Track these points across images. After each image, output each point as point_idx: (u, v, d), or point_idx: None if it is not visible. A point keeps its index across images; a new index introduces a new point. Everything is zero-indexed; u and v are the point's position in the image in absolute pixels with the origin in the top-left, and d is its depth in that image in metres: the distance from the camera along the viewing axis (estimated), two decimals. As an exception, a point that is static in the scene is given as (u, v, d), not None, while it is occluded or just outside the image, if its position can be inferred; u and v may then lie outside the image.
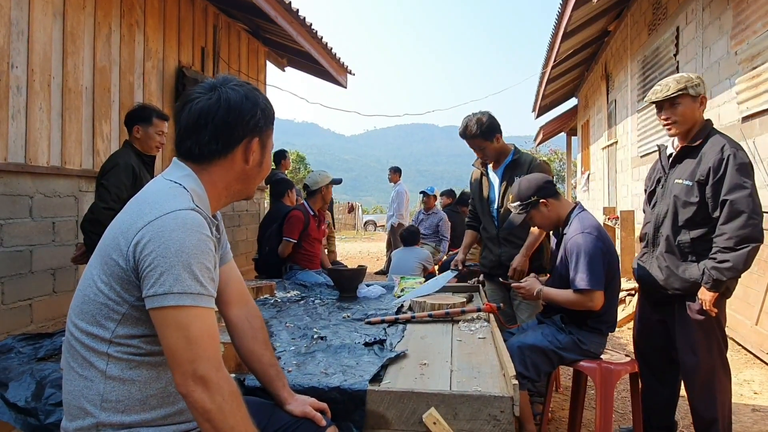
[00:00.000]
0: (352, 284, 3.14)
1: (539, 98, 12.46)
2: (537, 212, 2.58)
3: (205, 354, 1.10)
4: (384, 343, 2.00)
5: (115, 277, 1.15)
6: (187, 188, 1.22)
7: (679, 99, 2.36)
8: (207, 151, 1.26)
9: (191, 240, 1.12)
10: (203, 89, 1.27)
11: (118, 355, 1.16)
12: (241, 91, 1.27)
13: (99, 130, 4.45)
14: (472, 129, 3.01)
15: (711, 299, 2.29)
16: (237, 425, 1.11)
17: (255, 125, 1.28)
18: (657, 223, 2.50)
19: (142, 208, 1.17)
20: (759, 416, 3.02)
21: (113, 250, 1.16)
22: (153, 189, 1.24)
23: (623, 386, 3.35)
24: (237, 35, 7.29)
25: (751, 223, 2.19)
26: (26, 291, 3.75)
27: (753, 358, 3.93)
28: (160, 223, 1.12)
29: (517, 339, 2.50)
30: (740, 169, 2.24)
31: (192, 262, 1.11)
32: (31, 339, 2.00)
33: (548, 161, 23.89)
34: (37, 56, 3.76)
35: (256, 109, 1.28)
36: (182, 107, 1.27)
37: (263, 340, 1.48)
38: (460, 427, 1.46)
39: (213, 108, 1.24)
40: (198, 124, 1.24)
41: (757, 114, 4.43)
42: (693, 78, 2.37)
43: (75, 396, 1.17)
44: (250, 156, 1.29)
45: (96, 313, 1.16)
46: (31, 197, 3.77)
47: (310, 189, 4.29)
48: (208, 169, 1.27)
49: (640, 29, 7.73)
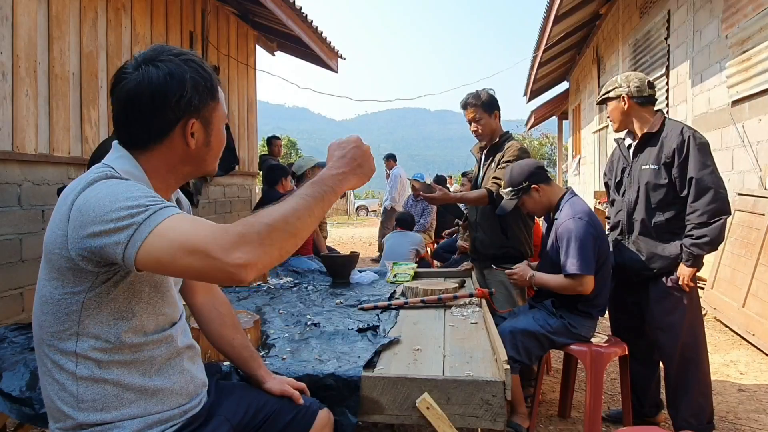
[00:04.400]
0: (345, 270, 3.15)
1: (531, 82, 12.42)
2: (529, 198, 2.60)
3: (211, 234, 0.96)
4: (377, 330, 2.02)
5: (64, 270, 1.08)
6: (117, 169, 1.12)
7: (606, 102, 2.66)
8: (138, 139, 1.15)
9: (121, 186, 1.03)
10: (130, 68, 1.14)
11: (86, 353, 1.11)
12: (164, 68, 1.12)
13: (87, 116, 4.39)
14: (476, 96, 3.06)
15: (689, 274, 2.42)
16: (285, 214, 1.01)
17: (187, 105, 1.13)
18: (629, 209, 2.61)
19: (66, 198, 1.09)
20: (745, 396, 3.09)
21: (53, 245, 1.08)
22: (79, 177, 1.15)
23: (612, 368, 3.41)
24: (226, 19, 7.19)
25: (719, 197, 2.34)
26: (17, 280, 3.72)
27: (740, 339, 4.01)
28: (84, 194, 1.04)
29: (509, 323, 2.53)
30: (701, 149, 2.39)
31: (131, 195, 1.01)
32: (23, 328, 2.00)
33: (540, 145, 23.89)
34: (22, 41, 3.69)
35: (183, 88, 1.12)
36: (112, 90, 1.15)
37: (232, 324, 1.49)
38: (452, 412, 1.49)
39: (136, 92, 1.11)
40: (126, 111, 1.13)
41: (747, 98, 4.46)
42: (616, 81, 2.61)
43: (52, 400, 1.15)
44: (189, 139, 1.16)
45: (56, 310, 1.11)
46: (19, 185, 3.72)
47: (297, 174, 4.34)
48: (147, 155, 1.16)
49: (631, 12, 7.71)
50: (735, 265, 4.25)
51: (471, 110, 3.06)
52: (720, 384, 3.24)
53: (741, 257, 4.17)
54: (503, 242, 3.03)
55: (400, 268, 3.23)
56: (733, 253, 4.32)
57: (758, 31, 4.23)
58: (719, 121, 4.99)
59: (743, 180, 4.58)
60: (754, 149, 4.38)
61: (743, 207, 4.31)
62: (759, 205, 4.09)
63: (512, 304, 2.95)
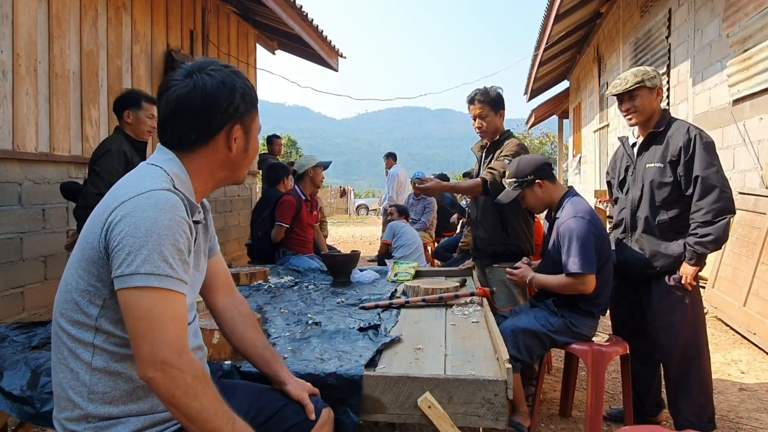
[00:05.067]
0: (346, 269, 3.14)
1: (531, 81, 12.42)
2: (531, 192, 2.59)
3: (166, 338, 1.07)
4: (378, 329, 2.01)
5: (93, 262, 1.13)
6: (168, 171, 1.20)
7: (637, 91, 2.50)
8: (186, 140, 1.23)
9: (163, 219, 1.09)
10: (180, 76, 1.23)
11: (103, 345, 1.15)
12: (217, 76, 1.23)
13: (87, 115, 4.39)
14: (484, 92, 3.04)
15: (693, 273, 2.41)
16: (204, 408, 1.09)
17: (234, 111, 1.24)
18: (633, 207, 2.59)
19: (119, 191, 1.16)
20: (746, 395, 3.08)
21: (90, 234, 1.14)
22: (134, 173, 1.23)
23: (614, 368, 3.41)
24: (226, 18, 7.18)
25: (724, 196, 2.33)
26: (17, 279, 3.72)
27: (741, 338, 4.00)
28: (133, 203, 1.10)
29: (510, 322, 2.52)
30: (707, 148, 2.39)
31: (163, 242, 1.08)
32: (24, 327, 2.00)
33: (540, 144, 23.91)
34: (22, 40, 3.69)
35: (233, 94, 1.23)
36: (160, 96, 1.24)
37: (253, 325, 1.49)
38: (454, 411, 1.48)
39: (189, 97, 1.20)
40: (175, 114, 1.21)
41: (748, 97, 4.45)
42: (650, 71, 2.51)
43: (63, 388, 1.17)
44: (232, 143, 1.26)
45: (79, 300, 1.15)
46: (19, 184, 3.72)
47: (298, 172, 4.32)
48: (190, 157, 1.25)
49: (632, 11, 7.70)
50: (736, 264, 4.25)
51: (478, 106, 3.05)
52: (721, 383, 3.24)
53: (742, 256, 4.16)
54: (503, 239, 3.02)
55: (400, 267, 3.23)
56: (734, 252, 4.32)
57: (759, 29, 4.23)
58: (720, 120, 4.98)
59: (744, 179, 4.57)
60: (755, 148, 4.37)
61: (744, 206, 4.31)
62: (760, 204, 4.08)
63: (513, 303, 2.95)
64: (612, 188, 2.84)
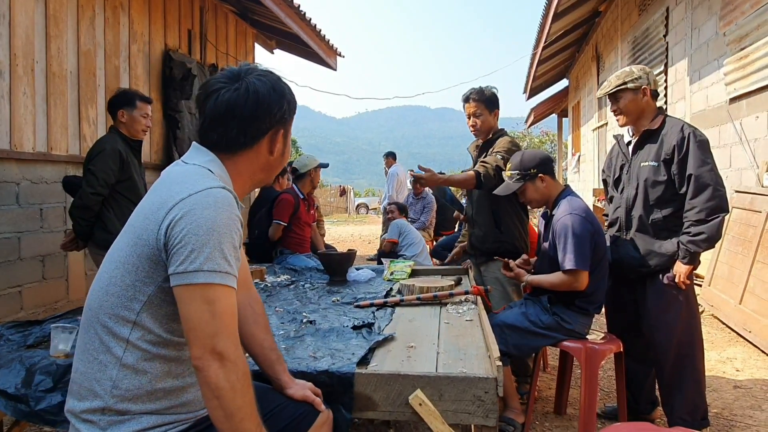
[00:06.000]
0: (342, 268, 3.16)
1: (530, 79, 12.42)
2: (532, 185, 2.61)
3: (227, 330, 1.11)
4: (372, 327, 2.02)
5: (144, 258, 1.15)
6: (213, 172, 1.22)
7: (620, 93, 2.53)
8: (234, 143, 1.26)
9: (222, 218, 1.12)
10: (227, 78, 1.25)
11: (137, 342, 1.17)
12: (267, 82, 1.26)
13: (85, 115, 4.40)
14: (479, 91, 3.07)
15: (686, 272, 2.40)
16: (244, 406, 1.12)
17: (281, 117, 1.28)
18: (627, 206, 2.60)
19: (172, 188, 1.17)
20: (740, 393, 3.09)
21: (143, 230, 1.16)
22: (180, 170, 1.24)
23: (609, 365, 3.42)
24: (224, 17, 7.19)
25: (718, 194, 2.33)
26: (15, 278, 3.74)
27: (736, 336, 4.01)
28: (192, 200, 1.13)
29: (499, 317, 2.56)
30: (701, 146, 2.38)
31: (223, 240, 1.12)
32: (20, 326, 2.01)
33: (540, 142, 23.93)
34: (19, 40, 3.70)
35: (283, 101, 1.28)
36: (207, 97, 1.25)
37: (264, 325, 1.50)
38: (445, 408, 1.49)
39: (241, 101, 1.22)
40: (225, 116, 1.23)
41: (745, 95, 4.46)
42: (634, 72, 2.52)
43: (87, 378, 1.19)
44: (275, 147, 1.30)
45: (122, 294, 1.17)
46: (17, 184, 3.73)
47: (299, 172, 4.32)
48: (233, 159, 1.27)
49: (630, 9, 7.70)
50: (732, 263, 4.26)
51: (473, 105, 3.07)
52: (716, 381, 3.25)
53: (738, 254, 4.17)
54: (498, 236, 3.04)
55: (397, 266, 3.24)
56: (730, 250, 4.32)
57: (756, 28, 4.23)
58: (717, 118, 4.98)
59: (741, 177, 4.58)
60: (752, 146, 4.38)
61: (740, 204, 4.32)
62: (756, 202, 4.09)
63: (508, 301, 2.96)
64: (607, 186, 2.85)
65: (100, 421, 1.17)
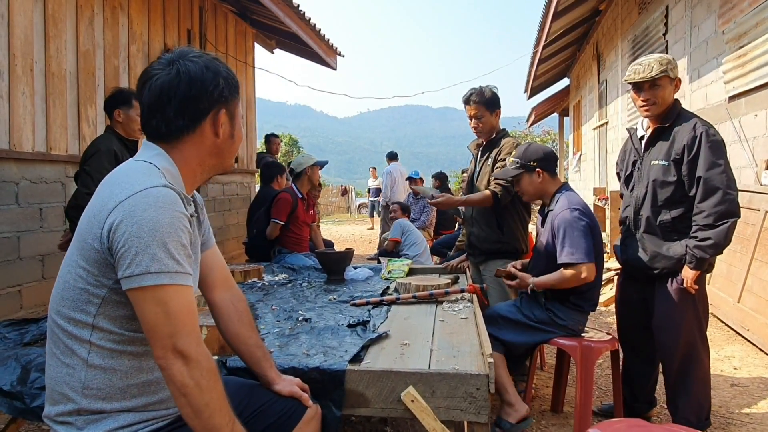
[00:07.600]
0: (340, 267, 3.17)
1: (531, 78, 12.40)
2: (528, 177, 2.60)
3: (185, 329, 1.11)
4: (367, 325, 2.03)
5: (92, 261, 1.14)
6: (158, 167, 1.20)
7: (660, 81, 2.35)
8: (174, 127, 1.23)
9: (165, 217, 1.11)
10: (161, 65, 1.23)
11: (100, 342, 1.16)
12: (200, 62, 1.24)
13: (84, 114, 4.41)
14: (479, 93, 3.06)
15: (693, 277, 2.32)
16: (212, 402, 1.12)
17: (220, 95, 1.25)
18: (637, 205, 2.51)
19: (112, 189, 1.16)
20: (738, 390, 3.09)
21: (87, 234, 1.15)
22: (123, 170, 1.23)
23: (607, 364, 3.42)
24: (224, 17, 7.20)
25: (728, 198, 2.22)
26: (15, 277, 3.75)
27: (734, 334, 4.01)
28: (131, 202, 1.11)
29: (494, 308, 2.61)
30: (713, 146, 2.27)
31: (167, 240, 1.10)
32: (17, 324, 2.02)
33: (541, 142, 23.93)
34: (18, 40, 3.71)
35: (218, 78, 1.25)
36: (142, 85, 1.23)
37: (248, 323, 1.49)
38: (437, 405, 1.50)
39: (174, 82, 1.20)
40: (161, 101, 1.21)
41: (743, 93, 4.45)
42: (672, 60, 2.37)
43: (57, 382, 1.18)
44: (219, 128, 1.27)
45: (77, 298, 1.16)
46: (17, 183, 3.75)
47: (295, 171, 4.34)
48: (179, 147, 1.25)
49: (630, 8, 7.69)
50: (730, 261, 4.25)
51: (473, 107, 3.07)
52: (714, 379, 3.23)
53: (736, 253, 4.17)
54: (499, 237, 3.04)
55: (394, 265, 3.25)
56: (729, 248, 4.29)
57: (755, 26, 4.22)
58: (716, 116, 4.98)
59: (739, 176, 4.57)
60: (750, 145, 4.37)
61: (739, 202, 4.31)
62: (754, 201, 4.09)
63: (505, 300, 2.96)
64: (620, 181, 2.75)
65: (77, 422, 1.17)
